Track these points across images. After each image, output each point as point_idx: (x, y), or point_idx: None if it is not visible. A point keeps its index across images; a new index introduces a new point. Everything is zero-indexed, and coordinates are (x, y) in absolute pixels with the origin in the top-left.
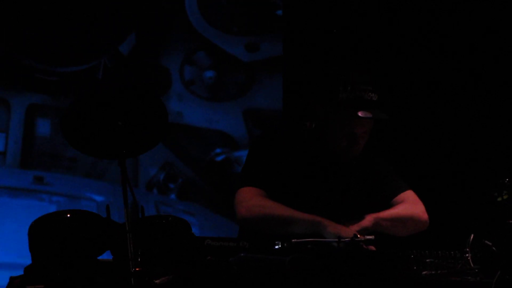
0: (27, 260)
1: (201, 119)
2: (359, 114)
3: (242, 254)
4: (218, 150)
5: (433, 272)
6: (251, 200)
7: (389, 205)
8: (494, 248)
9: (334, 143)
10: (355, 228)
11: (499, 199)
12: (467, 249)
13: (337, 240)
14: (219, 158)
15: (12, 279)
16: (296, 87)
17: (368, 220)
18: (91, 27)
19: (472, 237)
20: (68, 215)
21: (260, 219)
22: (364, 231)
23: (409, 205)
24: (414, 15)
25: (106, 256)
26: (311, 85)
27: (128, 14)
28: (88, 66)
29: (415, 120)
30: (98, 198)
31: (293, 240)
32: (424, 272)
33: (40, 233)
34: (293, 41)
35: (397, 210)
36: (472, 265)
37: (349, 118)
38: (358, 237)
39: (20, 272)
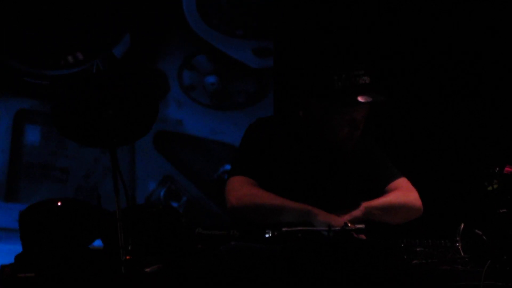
0: None
1: (203, 129)
2: (359, 99)
3: (232, 243)
4: (227, 167)
5: (423, 261)
6: (241, 189)
7: (382, 192)
8: (484, 237)
9: (335, 133)
10: (346, 217)
11: (489, 188)
12: (458, 238)
13: (327, 229)
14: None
15: (2, 267)
16: (287, 81)
17: (360, 209)
18: (83, 28)
19: (462, 226)
20: (59, 203)
21: (250, 208)
22: (355, 219)
23: (402, 192)
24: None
25: (97, 244)
26: (304, 80)
27: (122, 15)
28: (79, 69)
29: (407, 111)
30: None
31: (283, 229)
32: (414, 261)
33: (31, 221)
34: (285, 37)
35: (389, 198)
36: (462, 254)
37: (349, 105)
38: (348, 226)
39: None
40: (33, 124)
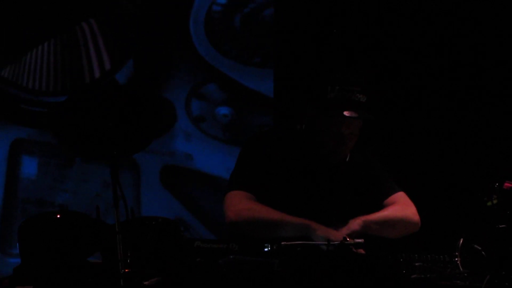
0: None
1: (217, 166)
2: (345, 113)
3: (231, 256)
4: None
5: (422, 276)
6: (239, 204)
7: (380, 206)
8: (483, 252)
9: (321, 144)
10: (344, 231)
11: (489, 203)
12: (457, 253)
13: (326, 243)
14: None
15: (1, 279)
16: (287, 89)
17: (358, 223)
18: (83, 52)
19: (461, 241)
20: (58, 216)
21: (248, 223)
22: (354, 234)
23: (400, 206)
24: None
25: (96, 257)
26: (302, 86)
27: (125, 38)
28: None
29: (406, 125)
30: None
31: (282, 243)
32: (413, 276)
33: (30, 234)
34: (285, 43)
35: (387, 213)
36: (461, 269)
37: (335, 117)
38: (347, 241)
39: None
40: (30, 155)
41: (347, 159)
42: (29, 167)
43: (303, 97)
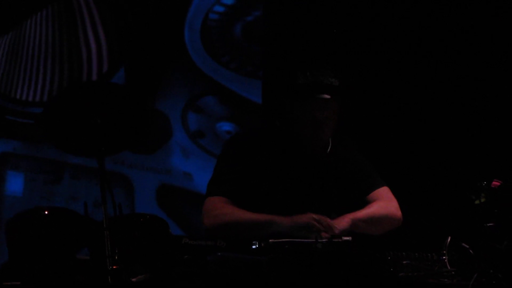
0: None
1: None
2: (316, 96)
3: (219, 253)
4: None
5: (410, 274)
6: (214, 210)
7: (363, 200)
8: (471, 251)
9: (299, 133)
10: (336, 231)
11: (477, 202)
12: (444, 252)
13: (314, 241)
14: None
15: None
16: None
17: (346, 221)
18: (72, 59)
19: (449, 240)
20: (46, 212)
21: (223, 227)
22: (343, 232)
23: (384, 203)
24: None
25: (84, 253)
26: (278, 80)
27: (115, 47)
28: None
29: (395, 123)
30: None
31: (270, 240)
32: (401, 274)
33: (18, 230)
34: (274, 54)
35: (373, 210)
36: (449, 267)
37: (307, 102)
38: (335, 238)
39: None
40: (15, 171)
41: (328, 150)
42: (15, 183)
43: (278, 91)
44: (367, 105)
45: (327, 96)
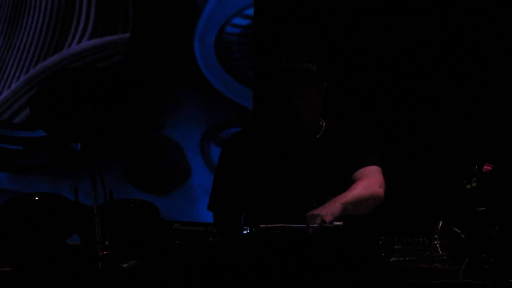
0: None
1: None
2: (290, 82)
3: (210, 239)
4: None
5: (401, 259)
6: None
7: (350, 178)
8: (462, 235)
9: (280, 120)
10: (328, 218)
11: (468, 186)
12: (436, 236)
13: (305, 226)
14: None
15: None
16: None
17: (338, 207)
18: (69, 77)
19: (440, 224)
20: (37, 198)
21: None
22: (336, 218)
23: (367, 182)
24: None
25: (74, 239)
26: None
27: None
28: None
29: (385, 109)
30: None
31: (261, 226)
32: (392, 259)
33: (8, 215)
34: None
35: (359, 191)
36: (440, 252)
37: (284, 87)
38: (326, 223)
39: None
40: None
41: (318, 135)
42: None
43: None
44: (359, 92)
45: (300, 82)
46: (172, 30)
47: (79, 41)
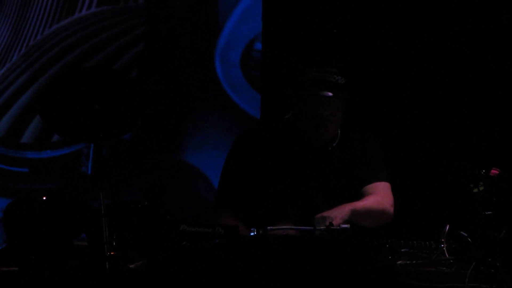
0: None
1: None
2: (320, 93)
3: (217, 241)
4: None
5: (408, 262)
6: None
7: (360, 191)
8: (469, 239)
9: (302, 128)
10: (337, 221)
11: (475, 190)
12: (443, 240)
13: (312, 228)
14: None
15: None
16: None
17: (347, 212)
18: (78, 77)
19: (447, 228)
20: (44, 198)
21: None
22: (343, 222)
23: (380, 197)
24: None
25: (81, 239)
26: (286, 75)
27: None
28: (70, 150)
29: (393, 112)
30: None
31: (268, 228)
32: (399, 262)
33: (15, 215)
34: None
35: (370, 203)
36: (447, 255)
37: (312, 98)
38: (333, 226)
39: None
40: None
41: (335, 144)
42: None
43: (285, 85)
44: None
45: (330, 94)
46: (191, 46)
47: (88, 8)
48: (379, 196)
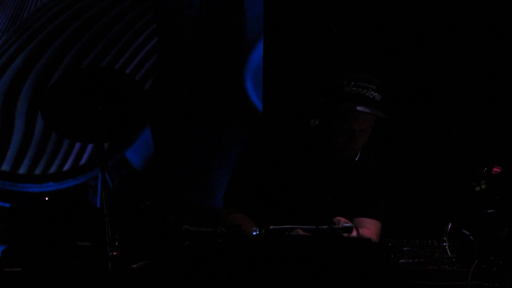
0: None
1: None
2: (358, 108)
3: (219, 240)
4: None
5: (410, 261)
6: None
7: (354, 219)
8: (471, 237)
9: (332, 139)
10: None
11: (477, 188)
12: (445, 238)
13: (314, 227)
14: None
15: None
16: (277, 86)
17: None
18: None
19: (449, 226)
20: (47, 199)
21: None
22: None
23: (375, 236)
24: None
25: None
26: (317, 82)
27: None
28: (75, 183)
29: (396, 111)
30: None
31: (271, 227)
32: (401, 261)
33: (19, 216)
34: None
35: (369, 236)
36: (449, 254)
37: (348, 112)
38: (335, 225)
39: None
40: None
41: (356, 158)
42: None
43: (317, 92)
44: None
45: (368, 111)
46: (218, 66)
47: None
48: (369, 232)
